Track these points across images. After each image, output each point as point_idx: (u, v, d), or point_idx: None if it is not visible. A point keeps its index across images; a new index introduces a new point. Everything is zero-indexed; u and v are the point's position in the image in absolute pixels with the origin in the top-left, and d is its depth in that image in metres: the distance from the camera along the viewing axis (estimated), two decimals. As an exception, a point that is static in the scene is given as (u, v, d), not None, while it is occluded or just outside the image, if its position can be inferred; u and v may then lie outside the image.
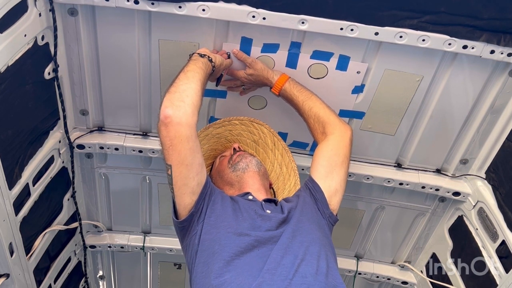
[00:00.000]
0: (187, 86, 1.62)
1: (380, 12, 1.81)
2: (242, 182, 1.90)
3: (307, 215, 1.72)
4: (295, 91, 1.96)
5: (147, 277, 3.12)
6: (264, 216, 1.68)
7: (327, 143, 1.89)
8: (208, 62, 1.77)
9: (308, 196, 1.81)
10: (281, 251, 1.54)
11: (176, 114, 1.55)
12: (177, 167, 1.59)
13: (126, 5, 1.81)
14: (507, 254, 2.05)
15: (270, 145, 2.13)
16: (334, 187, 1.83)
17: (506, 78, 1.99)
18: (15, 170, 1.87)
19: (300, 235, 1.62)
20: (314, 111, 1.93)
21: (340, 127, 1.91)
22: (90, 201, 2.61)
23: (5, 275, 1.93)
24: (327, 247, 1.65)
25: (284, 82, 1.97)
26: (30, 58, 1.76)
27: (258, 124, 2.12)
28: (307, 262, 1.53)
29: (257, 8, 1.81)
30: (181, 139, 1.56)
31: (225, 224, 1.62)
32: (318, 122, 1.93)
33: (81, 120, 2.25)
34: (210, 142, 2.09)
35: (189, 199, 1.65)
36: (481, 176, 2.26)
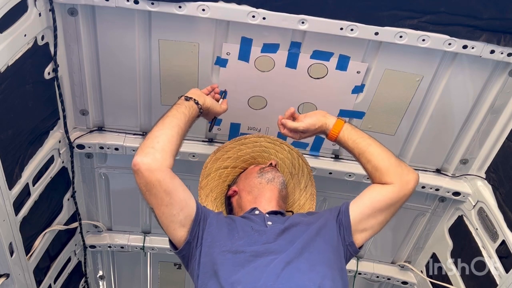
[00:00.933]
0: (160, 133, 1.65)
1: (380, 12, 1.81)
2: (261, 191, 1.92)
3: (324, 236, 1.69)
4: (349, 142, 1.82)
5: (147, 277, 3.12)
6: (260, 230, 1.69)
7: (383, 188, 1.76)
8: (193, 105, 1.77)
9: (332, 219, 1.76)
10: (282, 264, 1.54)
11: (144, 161, 1.58)
12: (158, 209, 1.64)
13: (126, 5, 1.81)
14: (507, 254, 2.05)
15: (302, 186, 2.16)
16: (363, 226, 1.74)
17: (506, 78, 1.99)
18: (15, 170, 1.87)
19: (309, 252, 1.61)
20: (372, 164, 1.78)
21: (401, 179, 1.74)
22: (90, 201, 2.61)
23: (5, 275, 1.93)
24: (337, 271, 1.61)
25: (338, 132, 1.83)
26: (30, 58, 1.76)
27: (303, 161, 2.15)
28: (308, 278, 1.52)
29: (257, 8, 1.81)
30: (154, 184, 1.59)
31: (221, 244, 1.64)
32: (375, 172, 1.78)
33: (81, 120, 2.25)
34: (255, 150, 2.15)
35: (181, 232, 1.66)
36: (481, 176, 2.26)
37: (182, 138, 1.71)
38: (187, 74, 2.08)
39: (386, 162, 1.77)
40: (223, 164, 2.13)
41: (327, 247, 1.67)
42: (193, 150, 2.31)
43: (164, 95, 2.16)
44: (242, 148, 2.13)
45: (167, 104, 2.18)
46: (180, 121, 1.70)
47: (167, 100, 2.18)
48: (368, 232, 1.76)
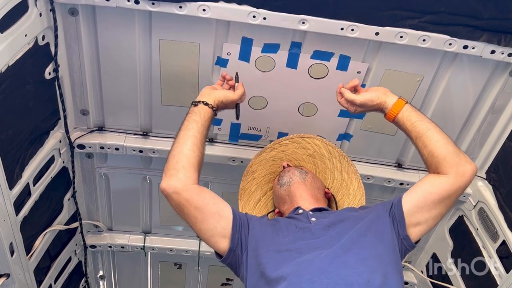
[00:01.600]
0: (177, 151, 1.69)
1: (381, 12, 1.81)
2: (292, 196, 1.90)
3: (376, 232, 1.64)
4: (408, 124, 1.73)
5: (147, 277, 3.12)
6: (305, 228, 1.68)
7: (437, 179, 1.68)
8: (203, 108, 1.77)
9: (385, 213, 1.70)
10: (329, 259, 1.52)
11: (170, 185, 1.65)
12: (195, 227, 1.68)
13: (126, 5, 1.81)
14: (507, 254, 2.05)
15: (327, 155, 2.11)
16: (417, 219, 1.66)
17: (507, 78, 1.99)
18: (16, 170, 1.87)
19: (359, 248, 1.57)
20: (428, 149, 1.69)
21: (457, 169, 1.65)
22: (90, 201, 2.61)
23: (6, 275, 1.93)
24: (389, 266, 1.56)
25: (398, 112, 1.74)
26: (31, 58, 1.77)
27: (309, 138, 2.11)
28: (357, 272, 1.48)
29: (258, 8, 1.81)
30: (184, 204, 1.65)
31: (265, 244, 1.65)
32: (431, 160, 1.69)
33: (82, 120, 2.25)
34: (267, 167, 2.13)
35: (223, 243, 1.69)
36: (481, 176, 2.26)
37: (201, 146, 1.73)
38: (188, 74, 2.08)
39: (443, 149, 1.67)
40: (255, 199, 2.13)
41: (379, 242, 1.62)
42: (193, 150, 2.31)
43: (165, 95, 2.16)
44: (256, 175, 2.12)
45: (167, 104, 2.19)
46: (194, 131, 1.72)
47: (168, 100, 2.18)
48: (423, 226, 1.68)
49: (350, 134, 2.28)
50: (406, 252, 1.70)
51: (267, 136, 2.32)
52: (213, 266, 3.02)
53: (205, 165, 2.35)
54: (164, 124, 2.28)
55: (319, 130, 2.25)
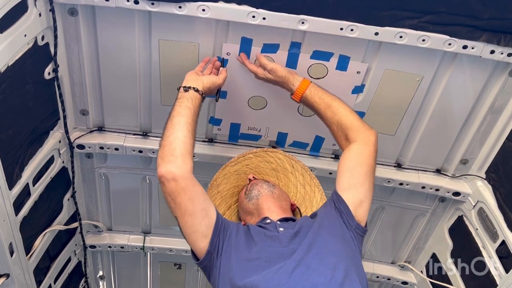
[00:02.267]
0: (173, 137, 1.69)
1: (380, 12, 1.81)
2: (259, 208, 1.93)
3: (327, 228, 1.71)
4: (316, 98, 1.89)
5: (147, 277, 3.12)
6: (273, 236, 1.72)
7: (350, 153, 1.82)
8: (194, 94, 1.79)
9: (332, 209, 1.78)
10: (293, 264, 1.56)
11: (169, 171, 1.63)
12: (182, 218, 1.67)
13: (126, 5, 1.81)
14: (507, 254, 2.05)
15: (289, 168, 2.16)
16: (358, 198, 1.76)
17: (506, 78, 1.99)
18: (15, 170, 1.87)
19: (317, 247, 1.63)
20: (336, 118, 1.85)
21: (363, 133, 1.82)
22: (90, 201, 2.61)
23: (5, 275, 1.93)
24: (348, 258, 1.62)
25: (305, 89, 1.90)
26: (30, 58, 1.77)
27: (272, 152, 2.16)
28: (319, 273, 1.53)
29: (257, 8, 1.81)
30: (178, 192, 1.64)
31: (239, 254, 1.67)
32: (340, 128, 1.85)
33: (81, 120, 2.25)
34: (231, 180, 2.14)
35: (202, 242, 1.70)
36: (481, 176, 2.26)
37: (194, 133, 1.75)
38: (187, 74, 2.08)
39: (350, 116, 1.85)
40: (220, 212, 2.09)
41: (333, 237, 1.68)
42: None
43: (164, 95, 2.16)
44: (221, 189, 2.13)
45: (167, 104, 2.18)
46: (188, 118, 1.72)
47: (167, 100, 2.18)
48: (365, 202, 1.77)
49: (349, 134, 2.28)
50: (361, 238, 1.77)
51: (266, 136, 2.32)
52: (213, 266, 3.02)
53: (205, 165, 2.37)
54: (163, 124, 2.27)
55: (319, 130, 2.25)
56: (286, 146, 2.36)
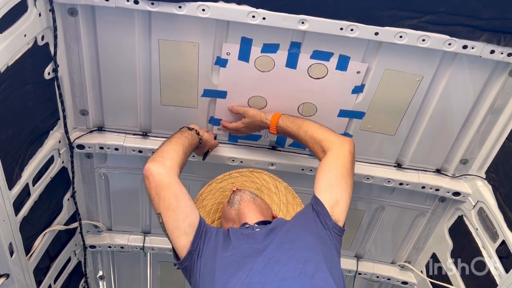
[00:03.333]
0: (168, 147, 1.84)
1: (380, 12, 1.81)
2: (240, 214, 1.95)
3: (301, 226, 1.77)
4: (288, 123, 2.02)
5: (147, 277, 3.12)
6: (249, 234, 1.78)
7: (325, 159, 1.89)
8: (195, 135, 2.00)
9: (309, 211, 1.83)
10: (264, 260, 1.61)
11: (155, 166, 1.73)
12: (165, 213, 1.72)
13: (126, 5, 1.81)
14: (507, 254, 2.05)
15: (273, 189, 2.20)
16: (334, 198, 1.81)
17: (506, 78, 1.99)
18: (15, 170, 1.87)
19: (288, 243, 1.67)
20: (309, 133, 1.96)
21: (336, 141, 1.91)
22: (90, 201, 2.61)
23: (5, 275, 1.93)
24: (321, 254, 1.65)
25: (277, 119, 2.05)
26: (30, 58, 1.76)
27: (257, 173, 2.21)
28: (289, 267, 1.58)
29: (257, 8, 1.81)
30: (163, 186, 1.71)
31: (217, 253, 1.71)
32: (315, 143, 1.94)
33: (81, 120, 2.25)
34: (216, 196, 2.17)
35: (184, 240, 1.74)
36: (481, 176, 2.26)
37: (186, 157, 1.89)
38: (187, 74, 2.08)
39: (320, 130, 1.96)
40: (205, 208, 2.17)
41: (307, 233, 1.73)
42: (193, 150, 2.31)
43: (164, 95, 2.16)
44: (205, 203, 2.16)
45: (167, 104, 2.19)
46: (185, 142, 1.90)
47: (167, 100, 2.18)
48: (341, 202, 1.81)
49: (349, 134, 2.28)
50: (338, 238, 1.80)
51: (266, 136, 2.32)
52: (213, 266, 3.02)
53: (204, 165, 2.37)
54: (163, 124, 2.28)
55: (318, 130, 2.25)
56: (286, 146, 2.36)
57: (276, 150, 2.37)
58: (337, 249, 1.78)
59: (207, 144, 2.13)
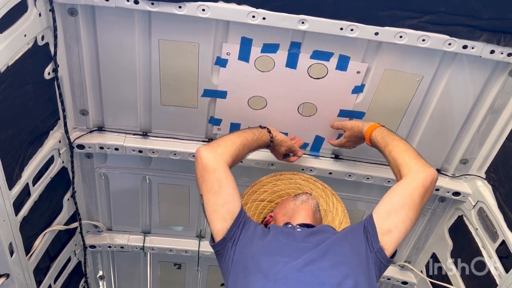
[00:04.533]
0: (226, 137, 1.91)
1: (380, 12, 1.81)
2: (295, 211, 1.98)
3: (350, 243, 1.73)
4: (379, 138, 1.99)
5: (147, 277, 3.12)
6: (289, 232, 1.80)
7: (397, 184, 1.83)
8: (264, 132, 2.04)
9: (360, 227, 1.79)
10: (305, 261, 1.61)
11: (205, 149, 1.81)
12: (206, 195, 1.78)
13: (126, 5, 1.81)
14: (507, 254, 2.05)
15: (337, 223, 2.18)
16: (387, 226, 1.74)
17: (506, 78, 1.99)
18: (15, 170, 1.87)
19: (333, 255, 1.66)
20: (392, 155, 1.90)
21: (413, 170, 1.81)
22: (90, 201, 2.61)
23: (5, 275, 1.93)
24: (362, 275, 1.62)
25: (372, 130, 2.03)
26: (30, 58, 1.76)
27: (336, 200, 2.21)
28: (330, 274, 1.57)
29: (257, 8, 1.81)
30: (208, 170, 1.77)
31: (253, 244, 1.73)
32: (395, 166, 1.89)
33: (81, 120, 2.25)
34: (290, 186, 2.22)
35: (220, 225, 1.76)
36: (481, 176, 2.26)
37: (246, 149, 1.93)
38: (187, 74, 2.08)
39: (403, 154, 1.87)
40: (260, 197, 2.19)
41: (353, 252, 1.70)
42: (193, 150, 2.30)
43: (164, 95, 2.16)
44: (278, 183, 2.21)
45: (167, 104, 2.19)
46: (248, 136, 1.95)
47: (167, 100, 2.18)
48: (394, 233, 1.73)
49: (349, 134, 2.28)
50: (382, 267, 1.74)
51: None
52: (213, 266, 3.02)
53: (204, 165, 2.36)
54: (163, 124, 2.28)
55: (319, 130, 2.25)
56: (286, 146, 2.36)
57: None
58: (377, 276, 1.71)
59: (282, 145, 2.11)
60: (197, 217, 2.72)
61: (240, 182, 2.13)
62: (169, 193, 2.59)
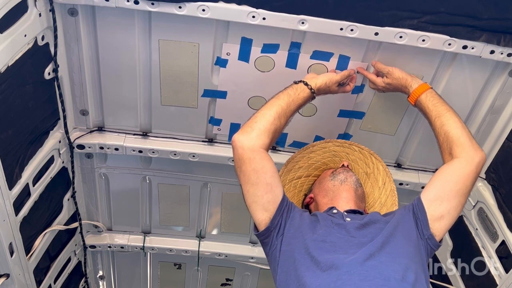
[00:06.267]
0: (260, 113, 1.77)
1: (380, 12, 1.81)
2: (336, 193, 1.90)
3: (402, 231, 1.68)
4: (429, 104, 1.84)
5: (147, 277, 3.12)
6: (340, 224, 1.71)
7: (449, 167, 1.74)
8: (302, 87, 1.84)
9: (409, 213, 1.74)
10: (365, 255, 1.55)
11: (239, 139, 1.71)
12: (244, 187, 1.72)
13: (126, 5, 1.81)
14: (507, 254, 2.05)
15: (380, 183, 2.09)
16: (439, 212, 1.69)
17: (506, 78, 1.99)
18: (15, 170, 1.87)
19: (390, 247, 1.61)
20: (445, 128, 1.78)
21: (468, 151, 1.73)
22: (90, 201, 2.61)
23: (5, 275, 1.93)
24: (418, 265, 1.60)
25: (421, 93, 1.86)
26: (30, 58, 1.77)
27: (376, 159, 2.10)
28: (393, 269, 1.52)
29: (257, 8, 1.81)
30: (244, 161, 1.70)
31: (303, 235, 1.67)
32: (446, 141, 1.77)
33: (81, 120, 2.25)
34: (325, 156, 2.11)
35: (261, 215, 1.72)
36: (481, 176, 2.26)
37: (284, 118, 1.79)
38: (187, 74, 2.08)
39: (459, 130, 1.76)
40: (296, 174, 2.12)
41: (406, 241, 1.65)
42: (193, 150, 2.31)
43: (164, 95, 2.16)
44: (312, 156, 2.11)
45: (167, 104, 2.19)
46: (283, 102, 1.79)
47: (167, 100, 2.18)
48: (446, 219, 1.70)
49: (349, 134, 2.28)
50: (431, 252, 1.71)
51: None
52: (213, 266, 3.02)
53: (204, 165, 2.37)
54: (163, 124, 2.28)
55: (319, 130, 2.25)
56: (286, 146, 2.36)
57: (276, 150, 2.37)
58: (427, 261, 1.69)
59: (330, 87, 1.91)
60: (197, 217, 2.72)
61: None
62: (169, 193, 2.59)
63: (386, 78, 1.94)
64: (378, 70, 1.97)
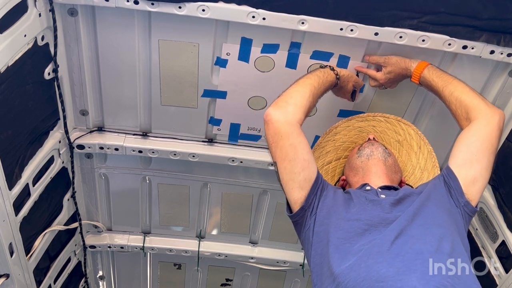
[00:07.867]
0: (293, 90, 1.73)
1: (380, 12, 1.81)
2: (366, 169, 1.83)
3: (435, 201, 1.63)
4: (434, 77, 1.83)
5: (147, 277, 3.12)
6: (374, 201, 1.65)
7: (469, 129, 1.71)
8: (328, 71, 1.84)
9: (441, 183, 1.70)
10: (396, 231, 1.50)
11: (275, 113, 1.65)
12: (281, 163, 1.66)
13: (126, 5, 1.81)
14: (507, 254, 2.05)
15: (415, 148, 2.01)
16: (472, 175, 1.65)
17: (506, 78, 1.99)
18: (15, 170, 1.87)
19: (422, 218, 1.56)
20: (455, 95, 1.76)
21: (486, 111, 1.71)
22: (90, 201, 2.61)
23: (5, 275, 1.93)
24: (455, 233, 1.55)
25: (423, 69, 1.86)
26: (30, 58, 1.77)
27: (405, 125, 2.02)
28: (425, 241, 1.48)
29: (257, 8, 1.81)
30: (281, 135, 1.64)
31: (336, 214, 1.63)
32: (460, 107, 1.75)
33: (81, 120, 2.25)
34: (351, 134, 2.05)
35: (297, 194, 1.67)
36: (481, 176, 2.26)
37: (315, 97, 1.76)
38: (187, 74, 2.08)
39: (470, 94, 1.75)
40: (326, 160, 2.04)
41: (440, 210, 1.61)
42: (193, 150, 2.31)
43: (164, 95, 2.16)
44: (337, 138, 2.04)
45: (167, 104, 2.19)
46: (314, 81, 1.76)
47: (167, 100, 2.18)
48: (480, 181, 1.67)
49: (349, 134, 2.28)
50: (469, 219, 1.67)
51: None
52: (213, 267, 3.02)
53: (204, 165, 2.37)
54: (163, 125, 2.28)
55: (318, 130, 2.25)
56: (286, 146, 2.35)
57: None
58: (466, 229, 1.65)
59: (349, 81, 1.93)
60: (197, 217, 2.72)
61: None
62: (169, 193, 2.59)
63: (384, 68, 1.94)
64: (374, 62, 1.97)
